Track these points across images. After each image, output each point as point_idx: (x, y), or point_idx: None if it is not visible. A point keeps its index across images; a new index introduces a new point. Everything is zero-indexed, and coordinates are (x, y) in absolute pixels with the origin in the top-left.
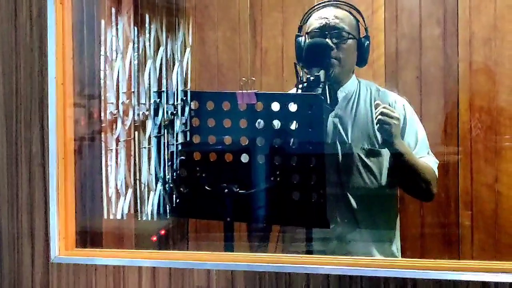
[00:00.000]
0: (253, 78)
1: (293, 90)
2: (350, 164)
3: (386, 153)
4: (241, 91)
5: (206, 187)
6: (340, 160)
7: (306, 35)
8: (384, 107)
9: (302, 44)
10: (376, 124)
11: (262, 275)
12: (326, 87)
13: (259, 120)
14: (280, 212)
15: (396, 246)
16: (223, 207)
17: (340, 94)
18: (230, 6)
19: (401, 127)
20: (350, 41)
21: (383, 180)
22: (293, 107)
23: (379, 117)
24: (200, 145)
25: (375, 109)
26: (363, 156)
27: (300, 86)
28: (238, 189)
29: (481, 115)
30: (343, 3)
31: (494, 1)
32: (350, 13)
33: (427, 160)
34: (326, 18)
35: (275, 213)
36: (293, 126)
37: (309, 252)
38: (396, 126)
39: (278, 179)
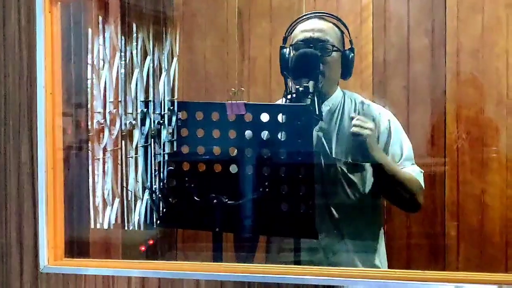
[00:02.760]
0: (242, 88)
1: (280, 101)
2: (333, 177)
3: (369, 166)
4: (230, 102)
5: (195, 198)
6: (323, 174)
7: (290, 47)
8: (357, 119)
9: (287, 55)
10: (351, 136)
11: (251, 286)
12: (315, 98)
13: (247, 130)
14: (268, 222)
15: (379, 260)
16: (211, 217)
17: (325, 107)
18: (218, 15)
19: (376, 138)
20: (334, 53)
21: (366, 193)
22: (282, 118)
23: (353, 129)
24: (189, 155)
25: (351, 121)
26: (345, 170)
27: (289, 97)
28: (227, 200)
29: (467, 126)
30: (328, 15)
31: (482, 13)
32: (335, 25)
33: (410, 170)
34: (310, 30)
35: (263, 224)
36: (282, 137)
37: (296, 262)
38: (370, 137)
39: (267, 189)
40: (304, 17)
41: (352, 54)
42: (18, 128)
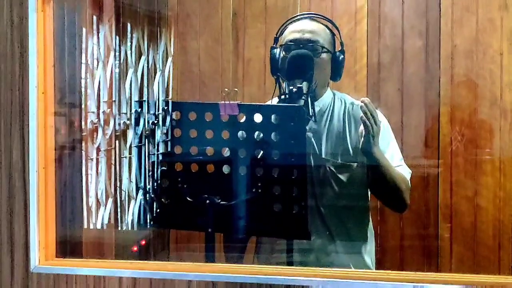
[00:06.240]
0: (236, 89)
1: (270, 102)
2: (323, 178)
3: (358, 166)
4: (223, 102)
5: (188, 198)
6: (313, 174)
7: (280, 48)
8: (368, 101)
9: (277, 56)
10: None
11: (243, 287)
12: (308, 99)
13: (241, 131)
14: (261, 223)
15: (370, 258)
16: (204, 218)
17: (315, 108)
18: (212, 15)
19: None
20: (324, 55)
21: (355, 193)
22: (275, 118)
23: (362, 106)
24: (182, 155)
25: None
26: (335, 171)
27: (282, 97)
28: (219, 200)
29: (462, 128)
30: (320, 16)
31: (476, 15)
32: (327, 26)
33: (400, 169)
34: (300, 31)
35: (256, 225)
36: (275, 137)
37: (288, 263)
38: (374, 125)
39: (260, 190)
40: (296, 17)
41: (342, 56)
42: (9, 127)
